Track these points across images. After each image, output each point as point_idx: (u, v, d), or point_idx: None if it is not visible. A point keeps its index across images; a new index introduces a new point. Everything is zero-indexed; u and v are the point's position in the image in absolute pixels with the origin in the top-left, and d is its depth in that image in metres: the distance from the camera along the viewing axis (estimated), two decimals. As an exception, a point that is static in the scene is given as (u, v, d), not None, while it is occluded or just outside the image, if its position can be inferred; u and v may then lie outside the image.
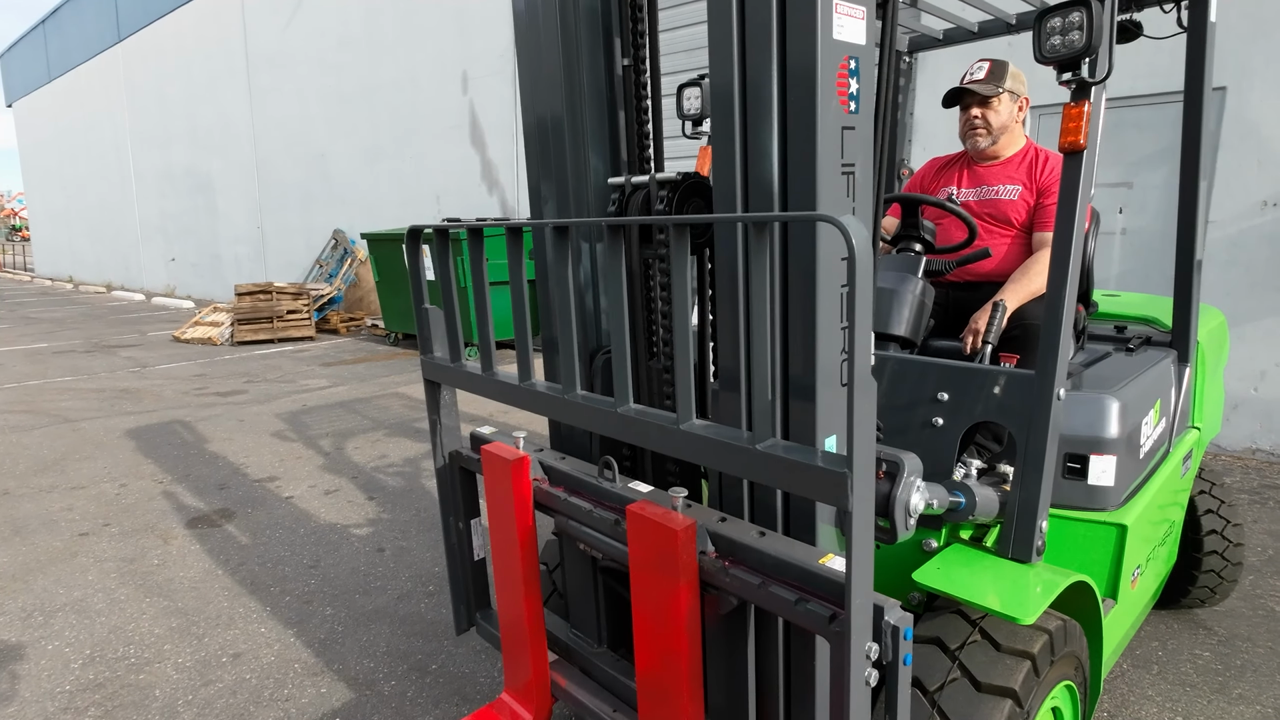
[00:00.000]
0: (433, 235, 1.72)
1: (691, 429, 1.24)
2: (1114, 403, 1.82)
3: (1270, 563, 3.28)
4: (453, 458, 1.91)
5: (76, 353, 9.33)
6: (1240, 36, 4.44)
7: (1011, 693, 1.36)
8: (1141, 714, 2.30)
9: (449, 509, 1.95)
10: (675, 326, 1.25)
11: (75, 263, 22.27)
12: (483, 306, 1.69)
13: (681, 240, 1.19)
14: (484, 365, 1.70)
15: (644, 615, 1.36)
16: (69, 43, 19.93)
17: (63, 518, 3.91)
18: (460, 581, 1.99)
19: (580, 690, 1.71)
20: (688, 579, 1.28)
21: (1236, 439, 4.76)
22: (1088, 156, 1.49)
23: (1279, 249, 4.50)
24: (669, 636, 1.32)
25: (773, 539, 1.29)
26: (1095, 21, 1.40)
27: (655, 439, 1.31)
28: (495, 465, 1.67)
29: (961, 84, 2.37)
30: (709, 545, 1.32)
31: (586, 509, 1.55)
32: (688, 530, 1.27)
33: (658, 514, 1.31)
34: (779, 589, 1.20)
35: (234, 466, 4.70)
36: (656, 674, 1.37)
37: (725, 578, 1.27)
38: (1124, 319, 2.74)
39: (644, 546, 1.33)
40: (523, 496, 1.64)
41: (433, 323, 1.86)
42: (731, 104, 1.25)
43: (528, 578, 1.68)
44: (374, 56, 10.81)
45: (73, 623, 2.87)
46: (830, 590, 1.15)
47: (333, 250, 12.00)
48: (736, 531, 1.31)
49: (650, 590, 1.34)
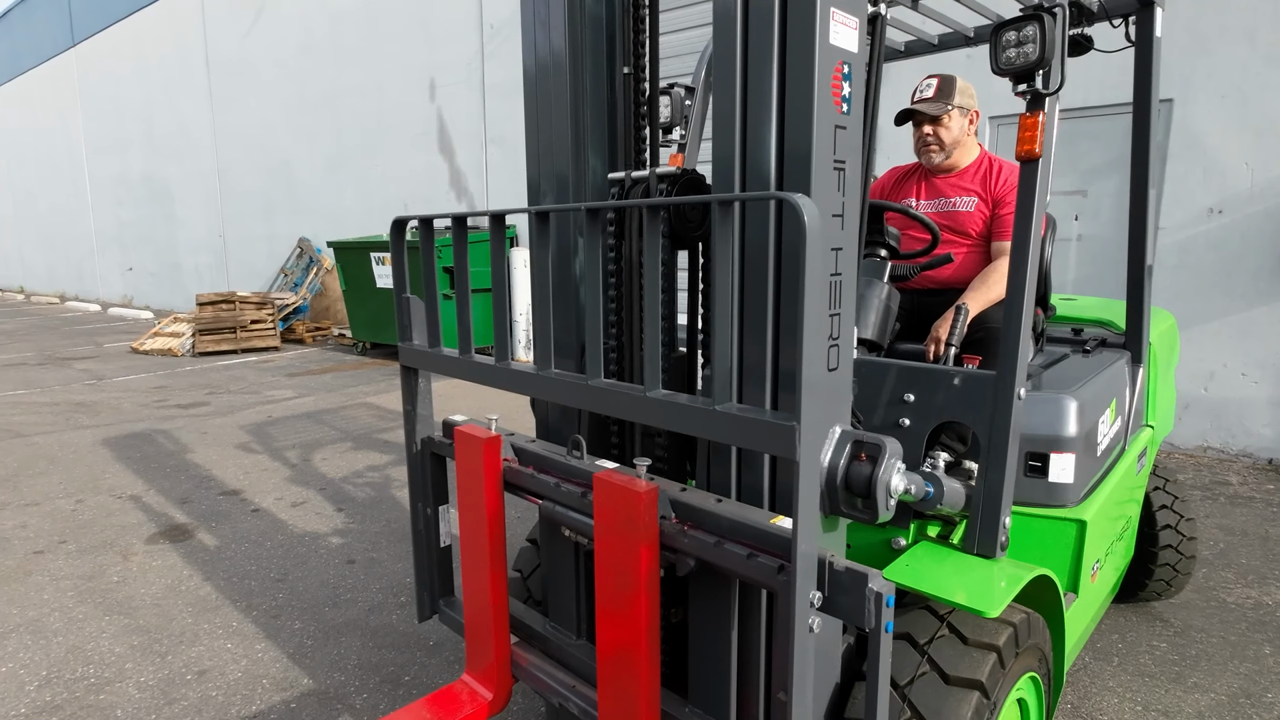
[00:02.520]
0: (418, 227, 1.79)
1: (656, 395, 1.32)
2: (1072, 402, 1.88)
3: (1222, 556, 3.40)
4: (425, 444, 1.95)
5: (28, 365, 9.03)
6: (1185, 51, 4.63)
7: (979, 685, 1.39)
8: (1103, 705, 2.36)
9: (418, 495, 1.99)
10: (646, 300, 1.33)
11: (26, 273, 21.54)
12: (464, 293, 1.74)
13: (654, 223, 1.30)
14: (462, 349, 1.75)
15: (606, 581, 1.41)
16: (19, 46, 19.35)
17: (16, 535, 3.78)
18: (425, 568, 2.02)
19: (541, 668, 1.76)
20: (648, 541, 1.35)
21: (1188, 437, 4.94)
22: (1043, 164, 1.55)
23: (1225, 254, 4.69)
24: (629, 600, 1.37)
25: (729, 505, 1.38)
26: (1048, 35, 1.47)
27: (625, 408, 1.38)
28: (467, 445, 1.71)
29: (911, 103, 2.44)
30: (670, 513, 1.40)
31: (554, 484, 1.61)
32: (650, 493, 1.34)
33: (622, 480, 1.38)
34: (732, 547, 1.29)
35: (197, 480, 4.59)
36: (617, 641, 1.41)
37: (684, 540, 1.35)
38: (1080, 322, 2.84)
39: (608, 513, 1.39)
40: (494, 475, 1.68)
41: (413, 310, 1.91)
42: (733, 102, 1.32)
43: (494, 557, 1.71)
44: (338, 63, 10.69)
45: (28, 643, 2.78)
46: (780, 545, 1.24)
47: (298, 259, 11.80)
48: (696, 499, 1.40)
49: (613, 555, 1.39)
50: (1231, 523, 3.78)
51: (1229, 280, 4.69)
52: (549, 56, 1.73)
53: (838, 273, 1.27)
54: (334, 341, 10.33)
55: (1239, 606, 2.96)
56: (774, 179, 1.30)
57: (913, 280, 2.42)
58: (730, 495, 1.44)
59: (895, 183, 2.66)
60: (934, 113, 2.39)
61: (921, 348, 2.21)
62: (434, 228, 1.78)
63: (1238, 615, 2.89)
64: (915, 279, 2.41)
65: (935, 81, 2.42)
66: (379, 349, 9.41)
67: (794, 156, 1.27)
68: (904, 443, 1.72)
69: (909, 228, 2.45)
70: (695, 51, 4.24)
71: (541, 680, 1.73)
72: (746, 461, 1.41)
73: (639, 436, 1.77)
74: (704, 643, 1.47)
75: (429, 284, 1.81)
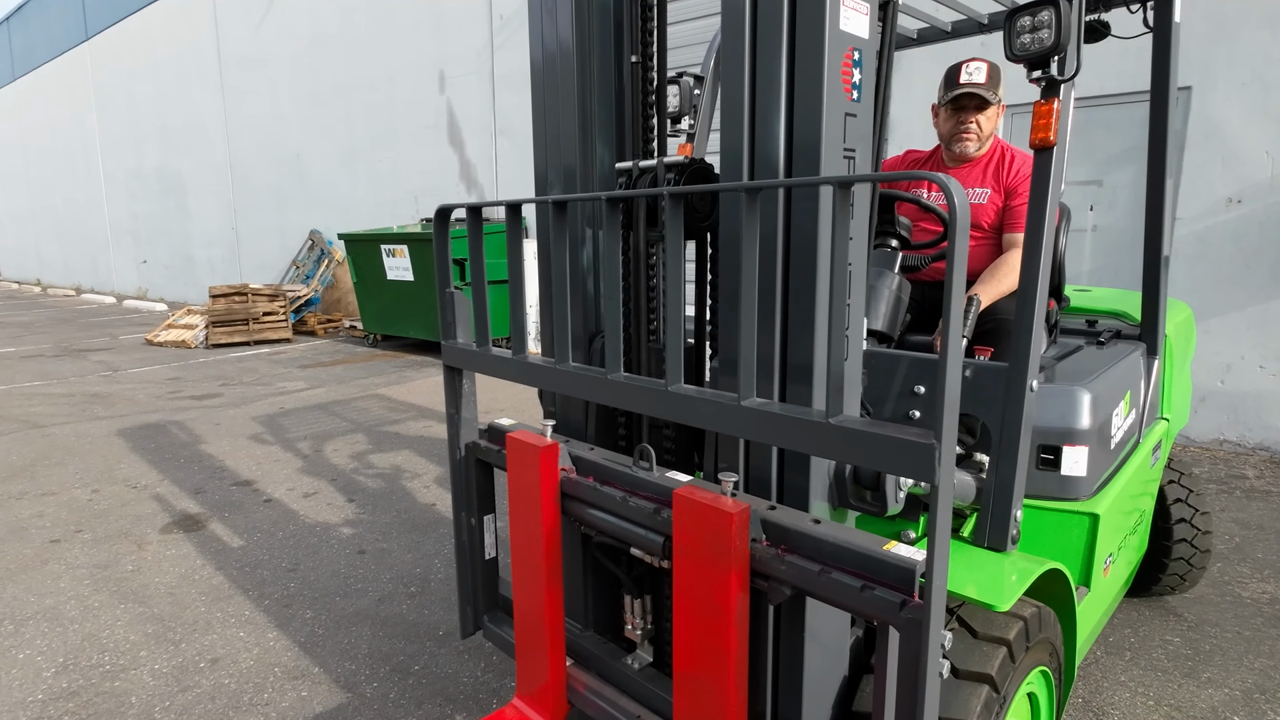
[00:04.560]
0: (456, 216, 1.73)
1: (679, 390, 1.27)
2: (1085, 395, 1.86)
3: (1237, 550, 3.36)
4: (469, 450, 1.84)
5: (45, 357, 9.13)
6: (1204, 38, 4.55)
7: (988, 678, 1.38)
8: (1115, 699, 2.35)
9: (461, 504, 1.88)
10: (669, 292, 1.29)
11: (42, 265, 21.78)
12: (480, 286, 1.69)
13: (677, 211, 1.27)
14: (479, 343, 1.70)
15: (687, 609, 1.29)
16: (34, 40, 19.49)
17: (33, 524, 3.83)
18: (469, 581, 1.91)
19: (601, 694, 1.62)
20: (739, 567, 1.21)
21: (1204, 430, 4.88)
22: (1057, 153, 1.52)
23: (1243, 245, 4.62)
24: (715, 630, 1.25)
25: (829, 526, 1.24)
26: (1064, 20, 1.44)
27: (643, 403, 1.33)
28: (521, 453, 1.58)
29: (959, 84, 2.27)
30: (762, 535, 1.27)
31: (620, 498, 1.48)
32: (742, 515, 1.21)
33: (708, 498, 1.25)
34: (841, 576, 1.14)
35: (210, 470, 4.64)
36: (699, 671, 1.30)
37: (780, 566, 1.21)
38: (1095, 313, 2.80)
39: (691, 534, 1.26)
40: (550, 486, 1.56)
41: (457, 307, 1.80)
42: (741, 90, 1.30)
43: (550, 572, 1.59)
44: (349, 56, 10.70)
45: (44, 630, 2.82)
46: (898, 577, 1.10)
47: (309, 251, 11.86)
48: (789, 519, 1.26)
49: (696, 581, 1.27)
50: (1248, 517, 3.74)
51: (1247, 272, 4.62)
52: (557, 46, 1.72)
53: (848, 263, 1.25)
54: (345, 333, 10.39)
55: (1255, 601, 2.93)
56: (783, 168, 1.28)
57: (924, 271, 2.39)
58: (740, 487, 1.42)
59: (908, 169, 2.62)
60: (991, 99, 2.28)
61: (932, 339, 2.18)
62: (481, 216, 1.70)
63: (1253, 610, 2.86)
64: (926, 270, 2.38)
65: (985, 66, 2.28)
66: (390, 341, 9.45)
67: (803, 145, 1.25)
68: (914, 435, 1.71)
69: (921, 218, 2.42)
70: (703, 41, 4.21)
71: (601, 708, 1.59)
72: (755, 453, 1.40)
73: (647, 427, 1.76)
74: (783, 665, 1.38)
75: (477, 278, 1.70)
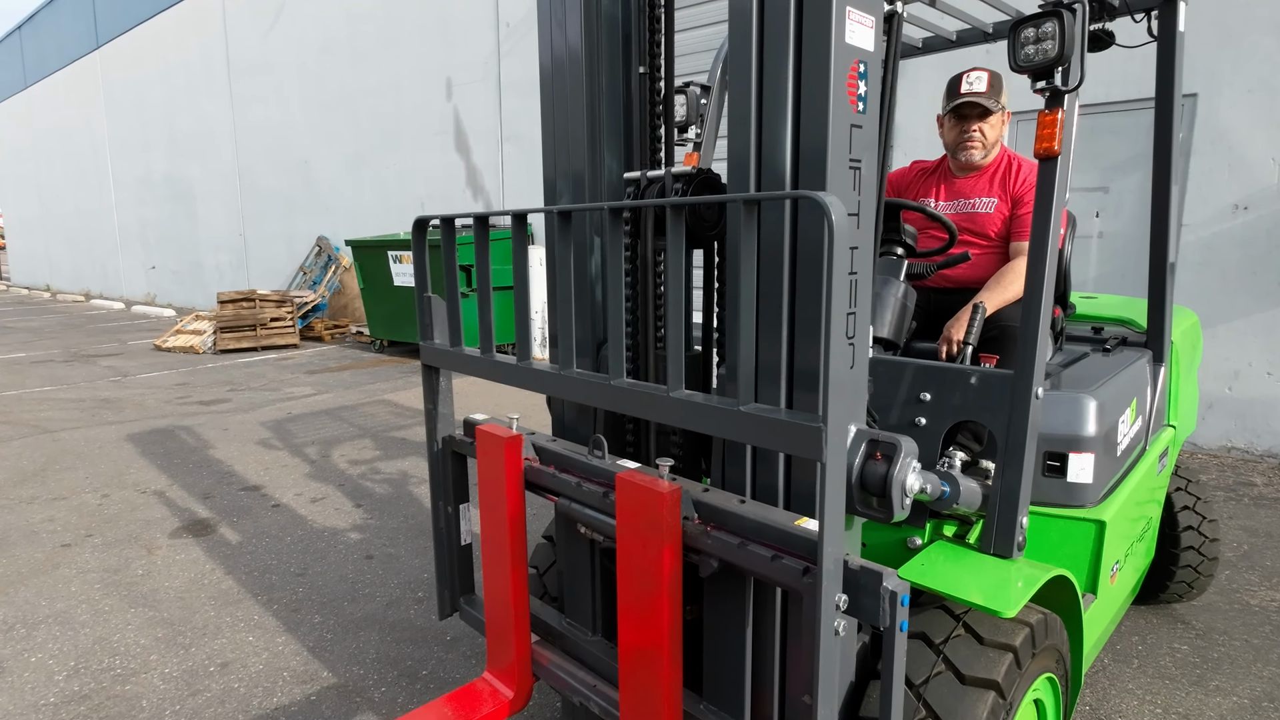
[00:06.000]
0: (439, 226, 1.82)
1: (679, 395, 1.32)
2: (1091, 402, 1.86)
3: (1245, 558, 3.35)
4: (446, 442, 1.96)
5: (55, 362, 9.20)
6: (1209, 44, 4.56)
7: (995, 684, 1.39)
8: (1122, 707, 2.34)
9: (439, 493, 2.00)
10: (670, 299, 1.33)
11: (52, 271, 21.94)
12: (485, 292, 1.75)
13: (678, 221, 1.30)
14: (483, 348, 1.77)
15: (628, 582, 1.41)
16: (45, 48, 19.69)
17: (44, 529, 3.86)
18: (446, 566, 2.03)
19: (562, 667, 1.76)
20: (671, 542, 1.34)
21: (1211, 437, 4.86)
22: (1062, 162, 1.53)
23: (1250, 251, 4.61)
24: (651, 601, 1.37)
25: (752, 506, 1.36)
26: (1067, 31, 1.45)
27: (646, 408, 1.38)
28: (489, 444, 1.72)
29: (961, 94, 2.29)
30: (694, 514, 1.40)
31: (575, 484, 1.61)
32: (673, 494, 1.34)
33: (645, 480, 1.37)
34: (756, 548, 1.28)
35: (219, 475, 4.66)
36: (638, 640, 1.41)
37: (707, 540, 1.34)
38: (1101, 320, 2.80)
39: (631, 513, 1.39)
40: (515, 474, 1.69)
41: (434, 310, 1.92)
42: (749, 101, 1.32)
43: (515, 555, 1.72)
44: (357, 63, 10.78)
45: (56, 634, 2.84)
46: (804, 547, 1.23)
47: (316, 257, 11.93)
48: (718, 500, 1.38)
49: (635, 556, 1.39)
50: (1256, 524, 3.72)
51: (1254, 278, 4.61)
52: (565, 56, 1.74)
53: (854, 271, 1.27)
54: (352, 339, 10.43)
55: (1263, 609, 2.92)
56: (789, 178, 1.30)
57: (929, 279, 2.40)
58: (746, 494, 1.44)
59: (916, 178, 2.63)
60: (992, 108, 2.29)
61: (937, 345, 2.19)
62: (455, 226, 1.80)
63: (1261, 618, 2.85)
64: (932, 277, 2.39)
65: (986, 75, 2.29)
66: (396, 346, 9.48)
67: (809, 155, 1.27)
68: (920, 442, 1.72)
69: (926, 226, 2.43)
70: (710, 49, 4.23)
71: (562, 679, 1.73)
72: (763, 460, 1.41)
73: (655, 435, 1.77)
74: (720, 641, 1.48)
75: (449, 283, 1.83)
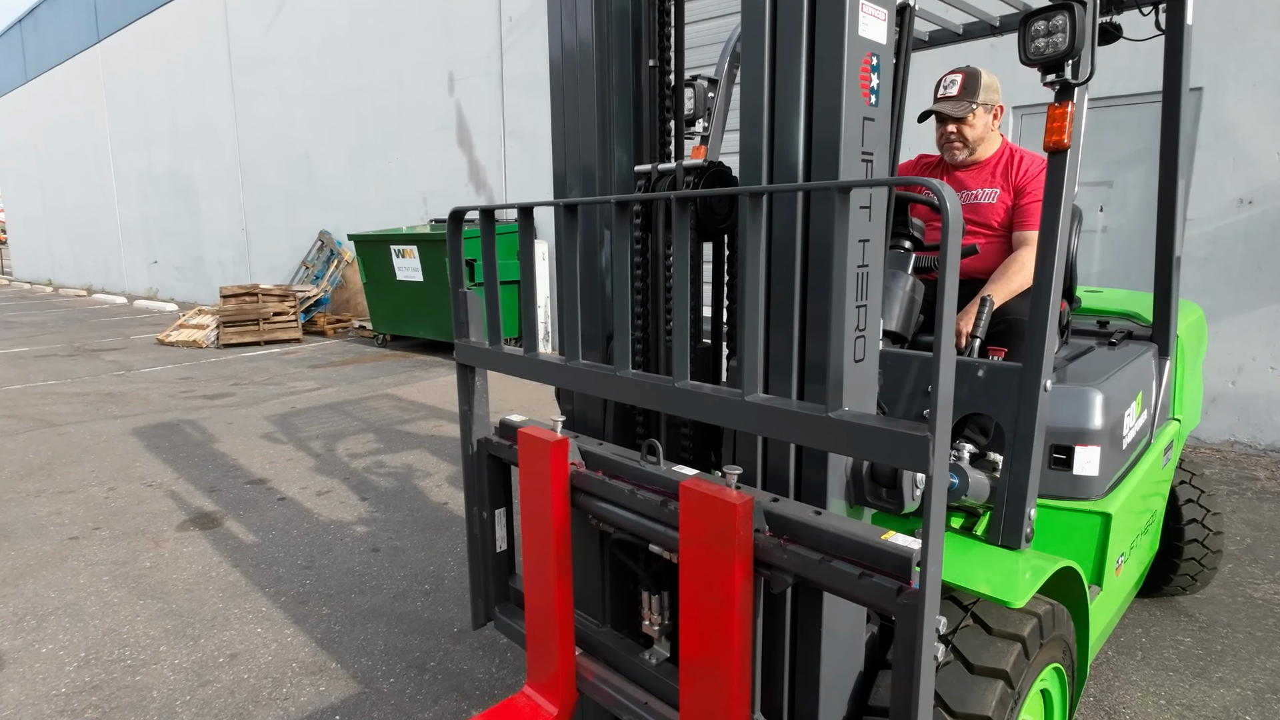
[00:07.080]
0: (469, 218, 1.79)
1: (685, 385, 1.30)
2: (1098, 395, 1.87)
3: (1249, 551, 3.36)
4: (482, 445, 1.89)
5: (59, 356, 9.22)
6: (1216, 39, 4.55)
7: (1003, 674, 1.40)
8: (1126, 698, 2.36)
9: (474, 498, 1.92)
10: (677, 292, 1.32)
11: (54, 266, 21.96)
12: (492, 286, 1.73)
13: (684, 215, 1.30)
14: (491, 342, 1.74)
15: (692, 599, 1.33)
16: (46, 43, 19.65)
17: (51, 522, 3.88)
18: (481, 573, 1.96)
19: (609, 682, 1.66)
20: (743, 556, 1.25)
21: (1215, 431, 4.87)
22: (1071, 155, 1.53)
23: (1255, 246, 4.61)
24: (720, 618, 1.28)
25: (830, 517, 1.27)
26: (1078, 24, 1.45)
27: (651, 398, 1.37)
28: (532, 448, 1.63)
29: (934, 101, 2.40)
30: (764, 525, 1.31)
31: (628, 491, 1.52)
32: (745, 505, 1.25)
33: (712, 490, 1.29)
34: (841, 565, 1.18)
35: (224, 469, 4.68)
36: (703, 659, 1.33)
37: (783, 555, 1.24)
38: (1106, 314, 2.81)
39: (697, 525, 1.30)
40: (561, 480, 1.60)
41: (470, 306, 1.86)
42: (761, 94, 1.32)
43: (560, 565, 1.63)
44: (359, 57, 10.77)
45: (66, 626, 2.86)
46: (895, 565, 1.14)
47: (319, 252, 11.93)
48: (791, 510, 1.29)
49: (701, 571, 1.30)
50: (1259, 518, 3.73)
51: (1259, 273, 4.61)
52: (575, 49, 1.75)
53: (864, 264, 1.27)
54: (355, 334, 10.45)
55: (1266, 602, 2.93)
56: (802, 170, 1.30)
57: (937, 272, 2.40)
58: (756, 484, 1.45)
59: (920, 171, 2.64)
60: (958, 114, 2.36)
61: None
62: (494, 218, 1.75)
63: (1265, 611, 2.86)
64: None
65: (959, 78, 2.37)
66: (399, 341, 9.50)
67: (822, 148, 1.27)
68: (929, 434, 1.73)
69: (934, 219, 2.43)
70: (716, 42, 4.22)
71: (609, 695, 1.63)
72: (773, 450, 1.42)
73: (665, 426, 1.78)
74: (804, 660, 1.40)
75: (489, 278, 1.76)
